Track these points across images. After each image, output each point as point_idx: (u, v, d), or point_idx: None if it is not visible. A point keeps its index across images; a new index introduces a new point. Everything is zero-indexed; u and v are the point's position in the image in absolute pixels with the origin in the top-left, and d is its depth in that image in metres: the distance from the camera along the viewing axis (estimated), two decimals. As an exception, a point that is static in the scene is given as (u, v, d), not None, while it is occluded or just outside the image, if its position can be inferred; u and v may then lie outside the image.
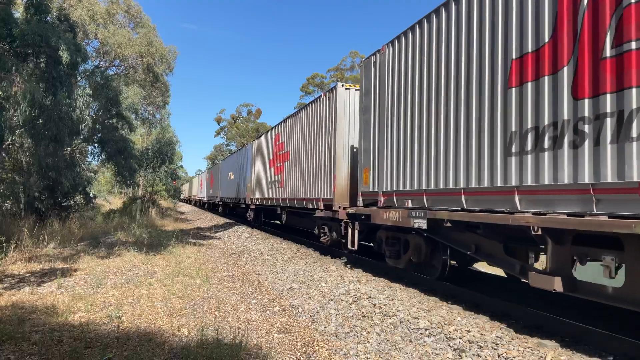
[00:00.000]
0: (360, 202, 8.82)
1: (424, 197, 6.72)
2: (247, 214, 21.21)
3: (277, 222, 21.12)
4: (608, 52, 4.08)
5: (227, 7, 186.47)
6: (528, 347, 4.24)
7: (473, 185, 5.70)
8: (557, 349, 4.27)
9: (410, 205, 7.03)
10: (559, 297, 6.44)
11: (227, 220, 27.05)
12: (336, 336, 5.68)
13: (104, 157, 19.08)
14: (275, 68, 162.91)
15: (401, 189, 7.38)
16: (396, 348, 4.94)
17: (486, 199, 5.45)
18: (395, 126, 7.66)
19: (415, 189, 6.98)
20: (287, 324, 6.31)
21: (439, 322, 5.15)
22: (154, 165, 24.57)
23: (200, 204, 48.98)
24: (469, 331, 4.79)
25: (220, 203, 30.46)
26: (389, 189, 7.76)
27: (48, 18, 13.88)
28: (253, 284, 9.16)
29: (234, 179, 24.70)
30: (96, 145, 18.72)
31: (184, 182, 76.68)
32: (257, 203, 18.34)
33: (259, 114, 72.81)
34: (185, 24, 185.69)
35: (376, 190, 8.19)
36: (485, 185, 5.49)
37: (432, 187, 6.57)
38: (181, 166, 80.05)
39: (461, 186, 5.90)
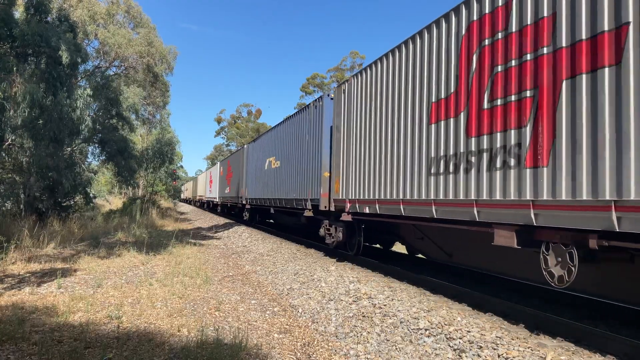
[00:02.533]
0: None
1: None
2: (328, 230, 10.69)
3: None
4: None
5: (227, 7, 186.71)
6: (528, 347, 4.23)
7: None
8: (557, 349, 4.26)
9: None
10: (559, 297, 6.44)
11: (227, 221, 27.01)
12: (336, 336, 5.68)
13: (104, 157, 19.14)
14: (275, 68, 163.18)
15: None
16: (396, 348, 4.95)
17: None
18: None
19: None
20: (287, 324, 6.31)
21: (439, 322, 5.15)
22: (154, 165, 24.59)
23: (210, 207, 38.21)
24: (469, 331, 4.79)
25: (248, 206, 20.23)
26: None
27: (48, 18, 13.91)
28: (253, 284, 9.16)
29: (278, 168, 14.98)
30: (96, 145, 18.77)
31: (184, 182, 76.72)
32: (367, 213, 8.42)
33: (259, 114, 72.86)
34: (185, 24, 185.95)
35: None
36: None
37: None
38: (181, 166, 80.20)
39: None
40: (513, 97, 5.10)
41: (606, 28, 4.09)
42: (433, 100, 6.58)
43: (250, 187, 19.54)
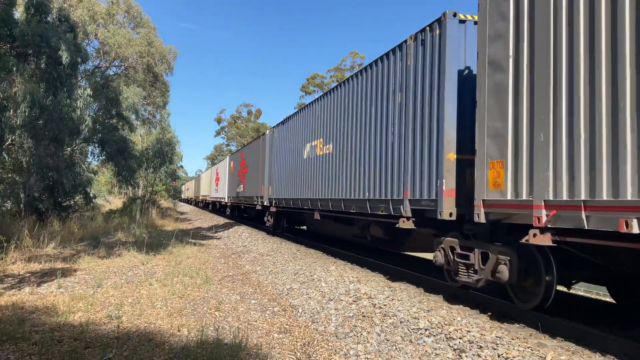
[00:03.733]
0: None
1: None
2: (460, 257, 5.98)
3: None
4: None
5: (227, 7, 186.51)
6: (528, 347, 4.23)
7: None
8: (557, 349, 4.26)
9: None
10: (559, 297, 6.44)
11: (227, 220, 27.03)
12: (336, 336, 5.68)
13: (104, 157, 19.16)
14: (275, 68, 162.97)
15: None
16: (396, 348, 4.95)
17: None
18: None
19: None
20: (287, 324, 6.31)
21: (439, 322, 5.15)
22: (154, 165, 24.60)
23: (216, 208, 33.78)
24: (469, 331, 4.79)
25: (273, 209, 15.65)
26: None
27: (48, 18, 13.91)
28: (253, 284, 9.17)
29: (330, 155, 10.47)
30: (96, 145, 18.79)
31: (184, 182, 76.77)
32: None
33: (259, 114, 72.92)
34: (185, 23, 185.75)
35: None
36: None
37: None
38: (181, 166, 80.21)
39: None
40: None
41: None
42: None
43: (277, 184, 15.10)
